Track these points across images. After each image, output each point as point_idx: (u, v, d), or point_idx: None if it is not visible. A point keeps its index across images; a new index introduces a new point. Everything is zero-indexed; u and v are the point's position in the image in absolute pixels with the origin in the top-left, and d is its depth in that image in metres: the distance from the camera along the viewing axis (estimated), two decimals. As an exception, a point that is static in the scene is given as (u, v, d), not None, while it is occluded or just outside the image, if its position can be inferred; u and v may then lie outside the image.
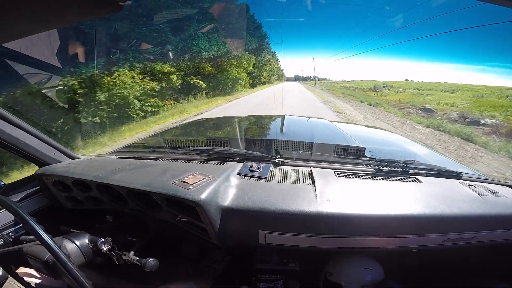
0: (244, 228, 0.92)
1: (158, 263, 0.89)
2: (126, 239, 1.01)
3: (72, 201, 1.21)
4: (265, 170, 1.08)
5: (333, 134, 1.82)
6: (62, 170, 1.12)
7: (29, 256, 0.83)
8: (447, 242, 0.92)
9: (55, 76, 4.40)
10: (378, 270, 1.08)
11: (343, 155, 1.22)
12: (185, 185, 0.90)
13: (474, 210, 0.90)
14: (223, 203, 0.88)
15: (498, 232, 0.94)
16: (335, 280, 1.09)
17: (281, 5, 10.01)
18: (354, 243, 0.91)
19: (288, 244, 0.93)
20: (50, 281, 0.89)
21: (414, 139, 3.31)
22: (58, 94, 4.51)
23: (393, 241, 0.91)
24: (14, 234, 1.07)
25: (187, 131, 2.30)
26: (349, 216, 0.84)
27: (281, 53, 20.06)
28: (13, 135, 1.02)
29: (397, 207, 0.87)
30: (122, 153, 1.45)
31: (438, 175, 1.11)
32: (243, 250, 1.30)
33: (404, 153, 1.65)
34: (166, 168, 1.08)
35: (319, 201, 0.87)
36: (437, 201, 0.90)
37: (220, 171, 1.03)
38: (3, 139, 1.00)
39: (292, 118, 2.31)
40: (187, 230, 1.00)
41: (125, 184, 0.96)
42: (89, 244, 0.92)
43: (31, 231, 0.68)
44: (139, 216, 1.12)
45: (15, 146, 1.05)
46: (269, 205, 0.86)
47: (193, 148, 1.32)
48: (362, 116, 10.36)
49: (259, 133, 2.01)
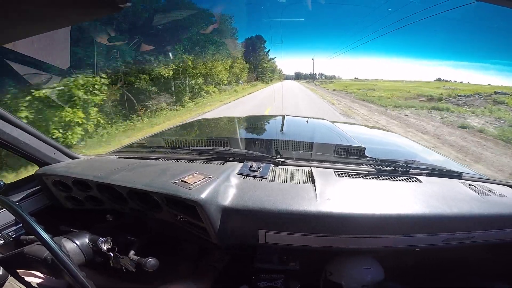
0: (244, 227, 0.92)
1: (158, 263, 0.89)
2: (126, 238, 1.01)
3: (72, 201, 1.22)
4: (265, 170, 1.08)
5: (333, 134, 1.82)
6: (62, 170, 1.12)
7: (29, 256, 0.83)
8: (447, 242, 0.92)
9: (55, 76, 4.38)
10: (378, 269, 1.08)
11: (343, 155, 1.22)
12: (185, 184, 0.90)
13: (474, 210, 0.90)
14: (223, 203, 0.88)
15: (498, 232, 0.94)
16: (335, 280, 1.09)
17: (281, 5, 9.77)
18: (354, 242, 0.91)
19: (288, 243, 0.93)
20: (51, 281, 0.89)
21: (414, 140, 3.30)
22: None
23: (393, 241, 0.91)
24: (15, 234, 1.07)
25: (187, 131, 2.30)
26: (349, 216, 0.84)
27: (281, 52, 19.39)
28: (13, 135, 1.02)
29: (397, 207, 0.87)
30: (122, 153, 1.45)
31: (438, 175, 1.12)
32: (243, 249, 1.30)
33: (404, 153, 1.66)
34: (166, 168, 1.08)
35: (319, 201, 0.87)
36: (437, 201, 0.90)
37: (220, 171, 1.04)
38: (3, 139, 1.00)
39: (292, 118, 2.31)
40: (187, 229, 1.01)
41: (125, 184, 0.96)
42: (89, 243, 0.92)
43: (31, 230, 0.68)
44: (139, 216, 1.12)
45: (15, 146, 1.05)
46: (269, 204, 0.86)
47: (193, 148, 1.32)
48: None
49: (259, 133, 2.01)
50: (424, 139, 7.02)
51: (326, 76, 26.67)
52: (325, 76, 26.72)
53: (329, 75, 26.35)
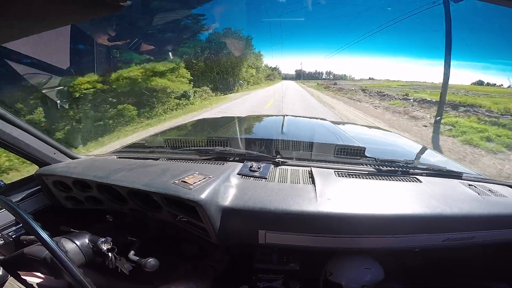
0: (244, 227, 0.92)
1: (158, 263, 0.89)
2: (126, 239, 1.01)
3: (72, 201, 1.21)
4: (265, 170, 1.08)
5: (333, 134, 1.82)
6: (62, 170, 1.12)
7: (29, 257, 0.83)
8: (447, 242, 0.92)
9: (55, 76, 4.37)
10: (378, 270, 1.08)
11: (343, 155, 1.22)
12: (185, 185, 0.90)
13: (474, 210, 0.90)
14: (223, 203, 0.88)
15: (498, 232, 0.94)
16: (335, 280, 1.09)
17: (281, 4, 9.62)
18: (354, 242, 0.91)
19: (288, 244, 0.93)
20: (51, 281, 0.89)
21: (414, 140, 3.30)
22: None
23: (393, 241, 0.91)
24: (15, 234, 1.07)
25: (187, 131, 2.30)
26: (349, 216, 0.84)
27: (281, 52, 19.05)
28: (13, 135, 1.02)
29: (397, 207, 0.87)
30: (122, 153, 1.45)
31: (438, 175, 1.12)
32: (243, 250, 1.30)
33: (404, 153, 1.66)
34: (166, 168, 1.08)
35: (319, 201, 0.87)
36: (437, 201, 0.90)
37: (220, 171, 1.03)
38: (3, 139, 1.00)
39: (292, 118, 2.31)
40: (187, 230, 1.00)
41: (125, 184, 0.96)
42: (89, 243, 0.92)
43: (31, 231, 0.68)
44: (139, 216, 1.12)
45: (15, 146, 1.05)
46: (269, 205, 0.86)
47: (193, 148, 1.32)
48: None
49: (259, 133, 2.01)
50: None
51: (336, 75, 23.07)
52: (334, 75, 23.17)
53: (339, 74, 22.75)
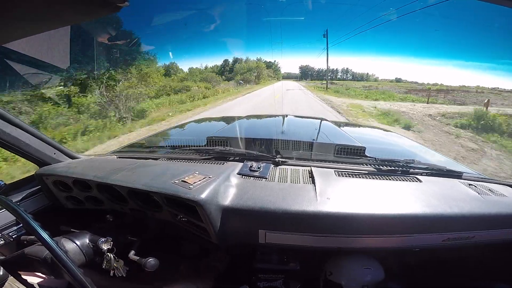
0: (244, 227, 0.92)
1: (159, 263, 0.89)
2: (127, 238, 1.01)
3: (72, 201, 1.21)
4: (265, 169, 1.08)
5: (333, 134, 1.82)
6: (63, 170, 1.12)
7: (30, 257, 0.83)
8: (447, 242, 0.92)
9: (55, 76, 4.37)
10: (378, 269, 1.08)
11: (343, 155, 1.22)
12: (186, 184, 0.90)
13: (474, 210, 0.90)
14: (223, 203, 0.88)
15: (498, 232, 0.94)
16: (335, 280, 1.09)
17: (281, 4, 9.61)
18: (354, 242, 0.91)
19: (288, 243, 0.93)
20: (51, 281, 0.89)
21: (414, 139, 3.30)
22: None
23: (393, 241, 0.91)
24: (15, 234, 1.07)
25: (187, 131, 2.30)
26: (349, 216, 0.84)
27: (281, 52, 18.66)
28: (13, 135, 1.02)
29: (397, 207, 0.87)
30: (122, 153, 1.45)
31: (438, 175, 1.12)
32: (243, 249, 1.30)
33: (404, 152, 1.65)
34: (166, 168, 1.08)
35: (319, 201, 0.87)
36: (437, 201, 0.90)
37: (220, 170, 1.04)
38: (3, 139, 1.00)
39: (292, 118, 2.31)
40: (188, 229, 1.01)
41: (126, 184, 0.96)
42: (89, 243, 0.92)
43: (31, 231, 0.68)
44: (139, 216, 1.12)
45: (15, 146, 1.05)
46: (269, 204, 0.86)
47: (193, 148, 1.32)
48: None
49: (259, 133, 2.01)
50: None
51: (355, 74, 19.97)
52: (352, 74, 20.11)
53: (359, 73, 19.80)
